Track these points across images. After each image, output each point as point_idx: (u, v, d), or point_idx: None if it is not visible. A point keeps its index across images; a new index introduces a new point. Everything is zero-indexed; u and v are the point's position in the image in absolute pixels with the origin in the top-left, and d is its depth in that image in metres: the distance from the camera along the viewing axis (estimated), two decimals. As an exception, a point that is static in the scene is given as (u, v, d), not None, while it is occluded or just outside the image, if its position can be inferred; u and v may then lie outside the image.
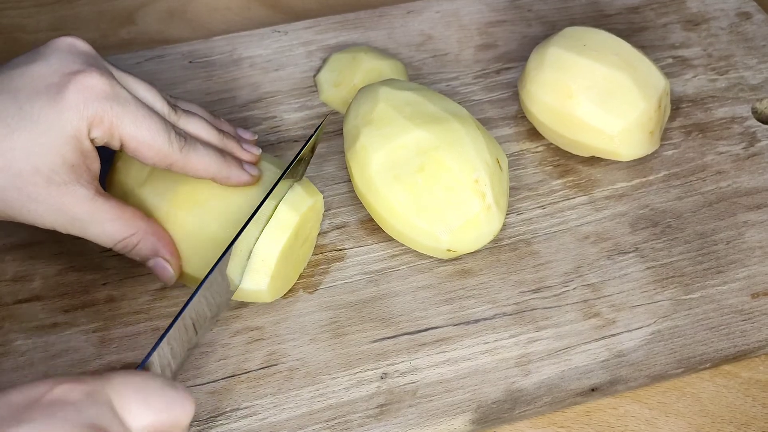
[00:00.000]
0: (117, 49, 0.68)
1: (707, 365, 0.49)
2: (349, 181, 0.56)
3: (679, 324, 0.50)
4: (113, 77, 0.43)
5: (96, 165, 0.44)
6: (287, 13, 0.72)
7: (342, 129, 0.59)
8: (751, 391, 0.49)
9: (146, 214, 0.47)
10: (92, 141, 0.43)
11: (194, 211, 0.47)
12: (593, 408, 0.49)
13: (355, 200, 0.55)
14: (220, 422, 0.46)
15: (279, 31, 0.66)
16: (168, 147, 0.44)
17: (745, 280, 0.52)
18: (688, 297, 0.51)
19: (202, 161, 0.45)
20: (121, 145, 0.43)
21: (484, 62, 0.64)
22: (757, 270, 0.53)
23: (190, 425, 0.45)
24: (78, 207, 0.43)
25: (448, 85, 0.63)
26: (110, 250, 0.52)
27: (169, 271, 0.47)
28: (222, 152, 0.47)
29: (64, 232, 0.44)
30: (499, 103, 0.62)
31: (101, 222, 0.44)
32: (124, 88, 0.43)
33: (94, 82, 0.42)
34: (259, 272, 0.47)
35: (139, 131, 0.43)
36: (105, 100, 0.42)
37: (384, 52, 0.63)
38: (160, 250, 0.46)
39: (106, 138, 0.43)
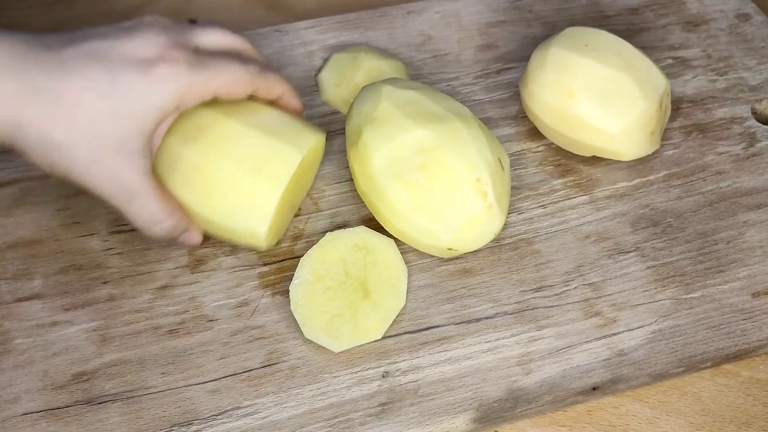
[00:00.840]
0: (117, 49, 0.67)
1: (708, 364, 0.49)
2: (350, 180, 0.56)
3: (680, 323, 0.50)
4: (193, 47, 0.47)
5: (157, 142, 0.48)
6: (288, 13, 0.72)
7: (344, 128, 0.59)
8: (751, 390, 0.49)
9: (172, 162, 0.49)
10: (179, 108, 0.46)
11: (215, 153, 0.48)
12: (594, 407, 0.49)
13: (356, 199, 0.55)
14: (221, 420, 0.45)
15: (280, 31, 0.66)
16: (249, 75, 0.48)
17: (746, 280, 0.52)
18: (688, 296, 0.51)
19: (276, 78, 0.51)
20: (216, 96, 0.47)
21: (484, 62, 0.64)
22: (758, 269, 0.53)
23: (190, 424, 0.45)
24: (135, 178, 0.45)
25: (448, 85, 0.63)
26: (110, 249, 0.52)
27: (195, 236, 0.50)
28: None
29: (111, 201, 0.46)
30: (499, 103, 0.62)
31: (148, 198, 0.46)
32: (201, 47, 0.48)
33: (180, 56, 0.45)
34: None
35: (225, 79, 0.47)
36: (189, 72, 0.45)
37: (385, 52, 0.63)
38: (187, 228, 0.50)
39: (199, 100, 0.47)
